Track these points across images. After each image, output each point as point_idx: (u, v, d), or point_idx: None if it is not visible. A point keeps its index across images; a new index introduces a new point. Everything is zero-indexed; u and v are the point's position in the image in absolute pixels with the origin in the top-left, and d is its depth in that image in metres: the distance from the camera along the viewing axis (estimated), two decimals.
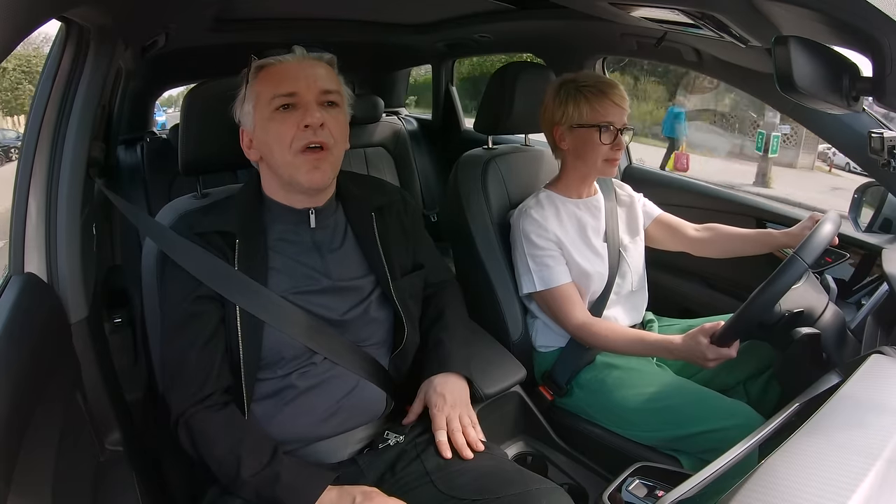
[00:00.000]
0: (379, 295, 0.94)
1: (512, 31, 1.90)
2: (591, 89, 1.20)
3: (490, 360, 1.17)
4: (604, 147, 1.20)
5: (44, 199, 0.90)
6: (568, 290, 1.20)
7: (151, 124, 2.72)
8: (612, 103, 1.19)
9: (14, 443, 0.61)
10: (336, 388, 0.89)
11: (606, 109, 1.19)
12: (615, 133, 1.19)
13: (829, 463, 0.58)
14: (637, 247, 1.32)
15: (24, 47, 11.82)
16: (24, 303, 0.80)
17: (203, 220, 0.91)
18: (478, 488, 0.80)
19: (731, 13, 0.88)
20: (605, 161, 1.22)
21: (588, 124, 1.20)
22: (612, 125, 1.19)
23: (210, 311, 0.86)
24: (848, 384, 0.73)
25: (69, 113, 0.94)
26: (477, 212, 1.35)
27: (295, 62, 0.87)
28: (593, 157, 1.22)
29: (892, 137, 0.99)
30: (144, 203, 2.10)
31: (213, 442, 0.81)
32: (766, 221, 1.46)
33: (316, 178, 0.87)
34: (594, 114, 1.19)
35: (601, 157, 1.21)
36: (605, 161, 1.22)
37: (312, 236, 0.92)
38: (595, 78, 1.23)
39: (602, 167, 1.23)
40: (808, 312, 1.03)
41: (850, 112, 0.74)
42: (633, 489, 0.69)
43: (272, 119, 0.86)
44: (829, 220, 1.02)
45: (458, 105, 2.72)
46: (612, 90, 1.20)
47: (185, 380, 0.83)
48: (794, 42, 0.64)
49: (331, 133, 0.87)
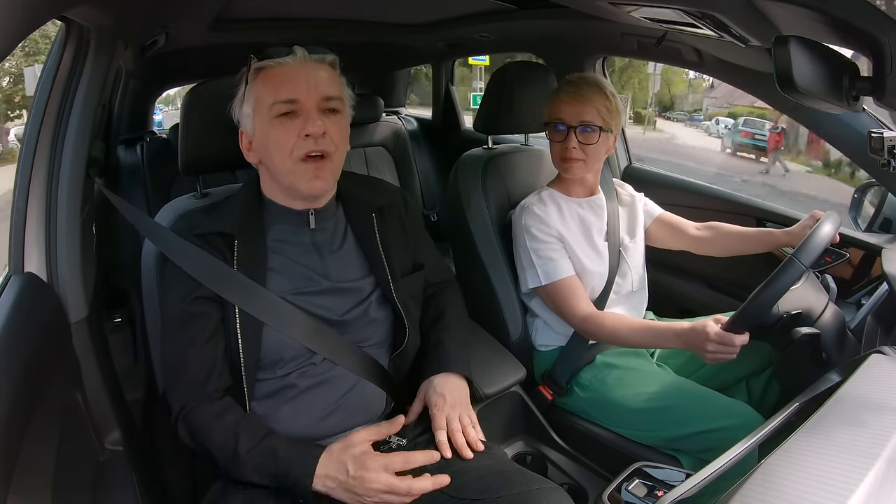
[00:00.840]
0: (379, 296, 0.94)
1: (512, 31, 1.90)
2: (559, 86, 1.22)
3: (490, 360, 1.17)
4: (556, 144, 1.21)
5: (44, 198, 0.91)
6: (572, 282, 1.19)
7: (151, 124, 2.72)
8: (562, 101, 1.19)
9: (14, 443, 0.61)
10: (335, 387, 0.89)
11: (556, 107, 1.20)
12: (564, 132, 1.19)
13: (829, 463, 0.58)
14: (637, 246, 1.32)
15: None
16: (24, 303, 0.80)
17: (202, 221, 0.91)
18: (478, 488, 0.80)
19: (731, 13, 0.88)
20: (561, 160, 1.22)
21: (546, 121, 1.22)
22: (561, 122, 1.19)
23: (210, 311, 0.86)
24: (848, 384, 0.73)
25: (69, 113, 0.94)
26: (477, 212, 1.35)
27: (296, 65, 0.85)
28: (554, 154, 1.23)
29: (892, 137, 0.99)
30: (144, 203, 2.10)
31: (211, 429, 0.81)
32: (766, 221, 1.46)
33: (316, 186, 0.87)
34: (548, 111, 1.22)
35: (556, 155, 1.22)
36: (561, 160, 1.22)
37: (312, 237, 0.92)
38: (570, 76, 1.24)
39: (560, 166, 1.23)
40: (808, 312, 1.03)
41: (850, 112, 0.74)
42: (633, 489, 0.69)
43: (272, 125, 0.85)
44: (829, 220, 1.02)
45: (458, 105, 2.72)
46: (567, 87, 1.20)
47: (186, 380, 0.83)
48: (794, 42, 0.64)
49: (332, 140, 0.86)
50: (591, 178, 1.29)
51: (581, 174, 1.24)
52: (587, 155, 1.20)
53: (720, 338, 0.95)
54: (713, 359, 0.98)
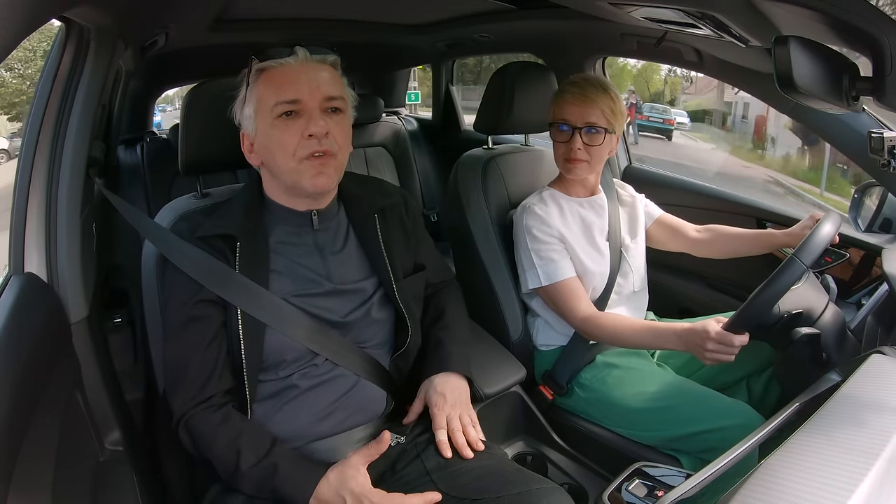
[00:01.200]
0: (381, 297, 0.94)
1: (512, 31, 1.90)
2: (562, 87, 1.22)
3: (490, 360, 1.17)
4: (560, 145, 1.21)
5: (44, 199, 0.90)
6: (573, 283, 1.19)
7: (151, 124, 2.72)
8: (567, 101, 1.19)
9: (14, 443, 0.61)
10: (336, 387, 0.89)
11: (561, 107, 1.20)
12: (569, 132, 1.19)
13: (829, 462, 0.58)
14: (638, 247, 1.32)
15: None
16: (24, 303, 0.80)
17: (204, 223, 0.91)
18: (478, 488, 0.80)
19: (731, 13, 0.88)
20: (565, 161, 1.22)
21: (550, 122, 1.22)
22: (566, 123, 1.19)
23: (212, 314, 0.85)
24: (848, 384, 0.73)
25: (69, 113, 0.94)
26: (477, 212, 1.35)
27: (297, 65, 0.85)
28: (557, 155, 1.23)
29: (892, 137, 0.99)
30: (144, 203, 2.10)
31: (212, 440, 0.81)
32: (766, 221, 1.46)
33: (320, 182, 0.86)
34: (553, 112, 1.22)
35: (560, 156, 1.22)
36: (565, 161, 1.22)
37: (314, 238, 0.92)
38: (573, 77, 1.24)
39: (563, 166, 1.23)
40: (808, 312, 1.03)
41: (850, 112, 0.74)
42: (633, 489, 0.69)
43: (275, 126, 0.84)
44: (829, 220, 1.02)
45: (458, 105, 2.72)
46: (571, 88, 1.20)
47: (186, 383, 0.83)
48: (794, 42, 0.64)
49: (335, 140, 0.86)
50: (593, 179, 1.29)
51: (584, 175, 1.24)
52: (591, 156, 1.20)
53: (720, 338, 0.95)
54: (712, 359, 0.98)
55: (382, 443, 0.81)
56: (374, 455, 0.81)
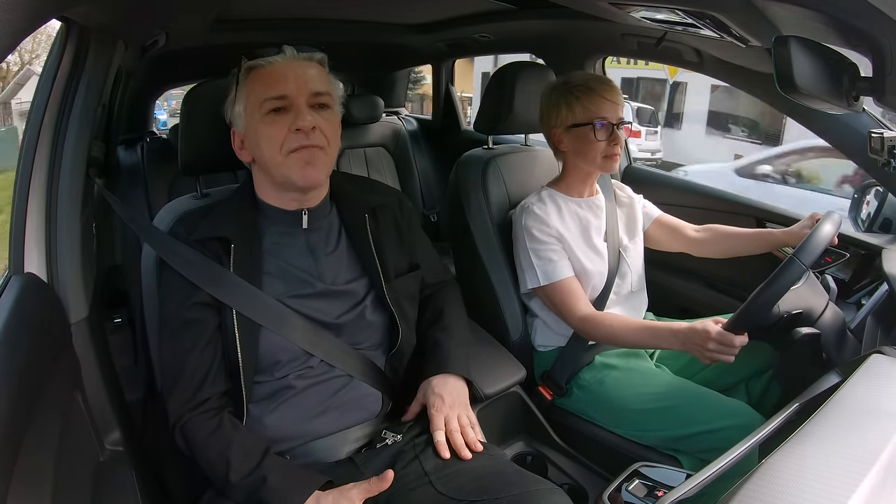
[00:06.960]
0: (374, 298, 0.94)
1: (512, 31, 1.90)
2: (581, 88, 1.21)
3: (489, 360, 1.17)
4: (601, 143, 1.21)
5: (44, 199, 0.90)
6: (571, 283, 1.20)
7: (151, 124, 2.72)
8: (603, 99, 1.20)
9: (14, 443, 0.61)
10: (331, 385, 0.90)
11: (598, 106, 1.20)
12: (610, 128, 1.20)
13: (829, 463, 0.58)
14: (636, 247, 1.32)
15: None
16: (24, 303, 0.80)
17: (199, 226, 0.91)
18: (477, 489, 0.80)
19: (731, 13, 0.88)
20: (605, 157, 1.22)
21: (582, 123, 1.21)
22: (606, 120, 1.20)
23: (207, 317, 0.86)
24: (848, 384, 0.73)
25: (69, 113, 0.94)
26: (477, 212, 1.35)
27: (285, 63, 0.87)
28: (592, 154, 1.22)
29: (892, 137, 0.99)
30: (145, 203, 2.09)
31: (204, 447, 0.82)
32: (765, 221, 1.46)
33: (310, 174, 0.87)
34: (586, 112, 1.20)
35: (600, 153, 1.22)
36: (605, 157, 1.22)
37: (306, 238, 0.92)
38: (584, 77, 1.24)
39: (602, 163, 1.23)
40: (808, 312, 1.03)
41: (850, 112, 0.74)
42: (633, 489, 0.69)
43: (263, 122, 0.86)
44: (830, 220, 1.02)
45: (458, 105, 2.72)
46: (601, 86, 1.21)
47: (182, 386, 0.84)
48: (794, 42, 0.64)
49: (323, 135, 0.87)
50: (594, 178, 1.30)
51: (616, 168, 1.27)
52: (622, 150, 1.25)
53: (720, 338, 0.95)
54: (712, 359, 0.98)
55: (385, 481, 0.80)
56: (374, 491, 0.80)
